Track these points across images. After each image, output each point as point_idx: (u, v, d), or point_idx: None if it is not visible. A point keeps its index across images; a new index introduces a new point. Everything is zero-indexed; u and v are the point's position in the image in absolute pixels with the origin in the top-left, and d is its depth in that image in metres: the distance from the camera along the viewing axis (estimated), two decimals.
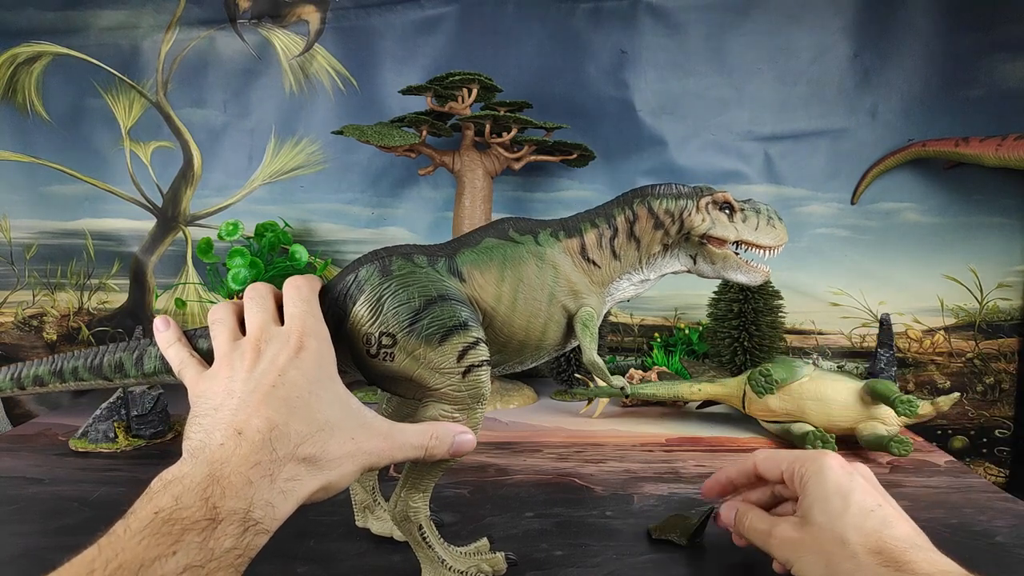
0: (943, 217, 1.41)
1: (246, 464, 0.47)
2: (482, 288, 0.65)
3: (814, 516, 0.60)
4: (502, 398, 1.31)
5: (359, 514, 0.77)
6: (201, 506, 0.44)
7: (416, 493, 0.63)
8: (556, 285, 0.67)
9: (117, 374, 0.64)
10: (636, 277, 0.73)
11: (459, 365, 0.60)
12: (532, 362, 0.71)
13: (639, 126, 1.43)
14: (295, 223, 1.48)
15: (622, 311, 1.52)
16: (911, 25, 1.36)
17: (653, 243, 0.71)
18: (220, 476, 0.46)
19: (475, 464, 0.99)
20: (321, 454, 0.50)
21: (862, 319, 1.46)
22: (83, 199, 1.51)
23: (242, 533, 0.44)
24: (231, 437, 0.48)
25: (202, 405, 0.52)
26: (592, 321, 0.69)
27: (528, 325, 0.66)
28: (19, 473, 0.96)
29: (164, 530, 0.42)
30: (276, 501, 0.47)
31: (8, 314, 1.53)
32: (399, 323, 0.59)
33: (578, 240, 0.69)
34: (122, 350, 0.64)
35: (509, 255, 0.66)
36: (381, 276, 0.61)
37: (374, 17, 1.44)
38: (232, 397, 0.51)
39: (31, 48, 1.46)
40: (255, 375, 0.52)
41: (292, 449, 0.49)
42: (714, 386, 1.18)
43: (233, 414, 0.50)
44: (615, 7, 1.40)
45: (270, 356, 0.54)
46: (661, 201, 0.71)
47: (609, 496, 0.88)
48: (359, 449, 0.53)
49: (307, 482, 0.49)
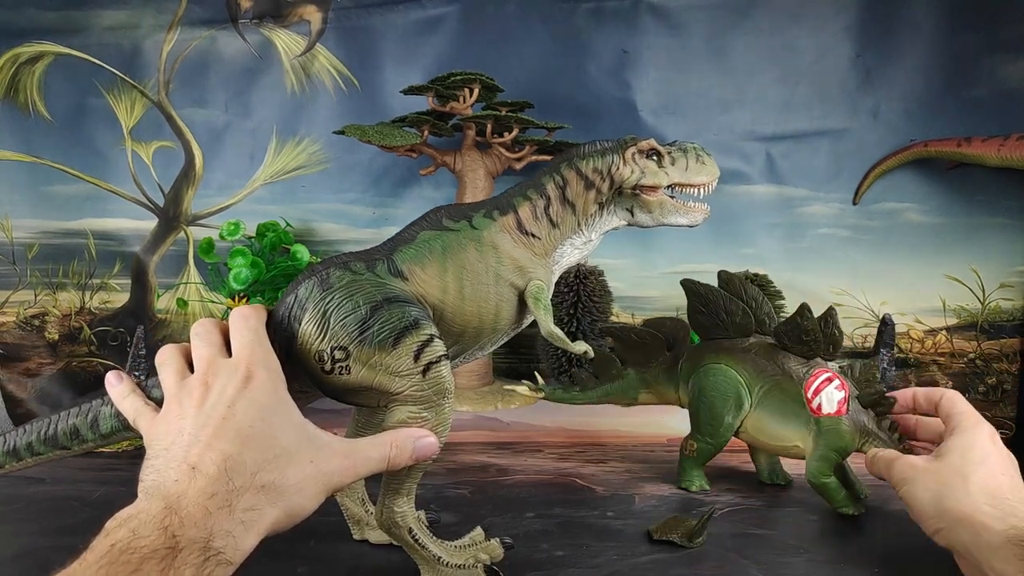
0: (945, 217, 1.41)
1: (203, 496, 0.46)
2: (426, 283, 0.64)
3: (950, 455, 0.67)
4: (503, 398, 1.31)
5: (355, 528, 0.76)
6: (160, 535, 0.43)
7: (398, 498, 0.62)
8: (500, 265, 0.67)
9: (74, 441, 0.63)
10: (578, 240, 0.73)
11: (417, 365, 0.59)
12: (492, 345, 0.71)
13: (641, 126, 1.42)
14: (297, 223, 1.48)
15: (623, 311, 1.52)
16: (913, 25, 1.35)
17: (588, 204, 0.71)
18: (178, 508, 0.45)
19: (476, 464, 0.99)
20: (280, 480, 0.50)
21: (864, 319, 1.45)
22: (85, 199, 1.51)
23: (203, 563, 0.43)
24: (185, 473, 0.47)
25: (154, 447, 0.52)
26: (543, 293, 0.68)
27: (480, 310, 0.66)
28: (19, 472, 0.96)
29: (122, 559, 0.41)
30: (236, 532, 0.46)
31: (10, 314, 1.53)
32: (349, 334, 0.59)
33: (513, 216, 0.69)
34: (75, 416, 0.62)
35: (447, 244, 0.66)
36: (322, 291, 0.60)
37: (375, 17, 1.44)
38: (183, 435, 0.51)
39: (33, 48, 1.46)
40: (204, 410, 0.52)
41: (249, 478, 0.48)
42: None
43: (185, 451, 0.49)
44: (617, 7, 1.39)
45: (218, 389, 0.53)
46: (587, 161, 0.71)
47: (610, 496, 0.88)
48: (319, 471, 0.52)
49: (267, 511, 0.48)
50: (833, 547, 0.76)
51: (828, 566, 0.71)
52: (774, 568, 0.70)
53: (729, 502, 0.88)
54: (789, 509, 0.87)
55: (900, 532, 0.78)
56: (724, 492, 0.91)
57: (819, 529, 0.82)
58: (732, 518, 0.83)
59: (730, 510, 0.85)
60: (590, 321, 1.33)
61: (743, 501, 0.89)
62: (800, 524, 0.83)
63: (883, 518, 0.83)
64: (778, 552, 0.74)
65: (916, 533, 0.67)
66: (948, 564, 0.64)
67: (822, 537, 0.79)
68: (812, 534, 0.80)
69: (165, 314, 1.54)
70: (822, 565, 0.71)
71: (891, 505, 0.85)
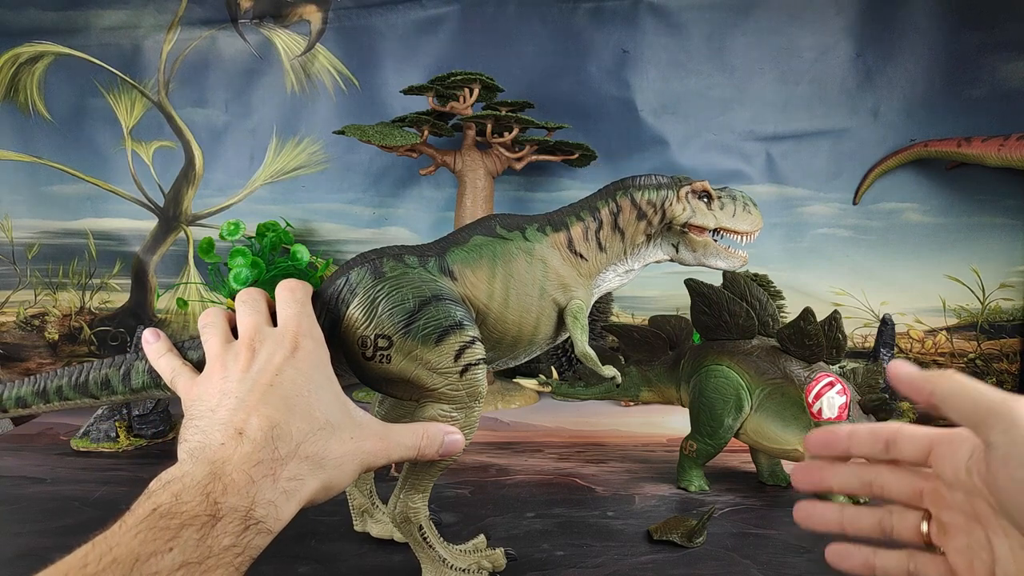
0: (945, 217, 1.41)
1: (248, 463, 0.46)
2: (474, 286, 0.65)
3: (995, 434, 0.55)
4: (504, 398, 1.31)
5: (357, 519, 0.77)
6: (202, 501, 0.43)
7: (415, 493, 0.63)
8: (546, 279, 0.68)
9: (104, 391, 0.62)
10: (621, 268, 0.74)
11: (456, 364, 0.60)
12: (525, 357, 0.71)
13: (641, 126, 1.43)
14: (296, 223, 1.48)
15: (624, 311, 1.52)
16: (913, 25, 1.35)
17: (637, 234, 0.73)
18: (222, 474, 0.45)
19: (477, 464, 0.99)
20: (323, 453, 0.50)
21: (864, 319, 1.45)
22: (85, 199, 1.51)
23: (243, 531, 0.44)
24: (232, 437, 0.47)
25: (198, 407, 0.51)
26: (582, 313, 0.70)
27: (521, 320, 0.67)
28: (21, 472, 0.96)
29: (161, 524, 0.41)
30: (279, 501, 0.46)
31: (10, 314, 1.53)
32: (394, 325, 0.59)
33: (565, 234, 0.70)
34: (108, 366, 0.62)
35: (499, 252, 0.66)
36: (373, 278, 0.61)
37: (376, 17, 1.44)
38: (228, 397, 0.50)
39: (33, 48, 1.46)
40: (251, 374, 0.52)
41: (294, 448, 0.48)
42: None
43: (231, 414, 0.49)
44: (617, 7, 1.39)
45: (265, 356, 0.53)
46: (643, 192, 0.72)
47: (610, 496, 0.88)
48: (358, 448, 0.52)
49: (309, 481, 0.48)
50: None
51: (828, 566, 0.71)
52: (774, 568, 0.70)
53: (729, 502, 0.88)
54: (789, 509, 0.87)
55: None
56: (724, 492, 0.91)
57: None
58: (732, 518, 0.83)
59: (730, 510, 0.85)
60: (590, 321, 1.33)
61: (743, 501, 0.89)
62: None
63: None
64: (778, 552, 0.74)
65: None
66: None
67: (822, 537, 0.79)
68: (812, 534, 0.80)
69: (165, 314, 1.54)
70: (822, 565, 0.71)
71: None
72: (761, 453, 0.97)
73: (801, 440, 0.87)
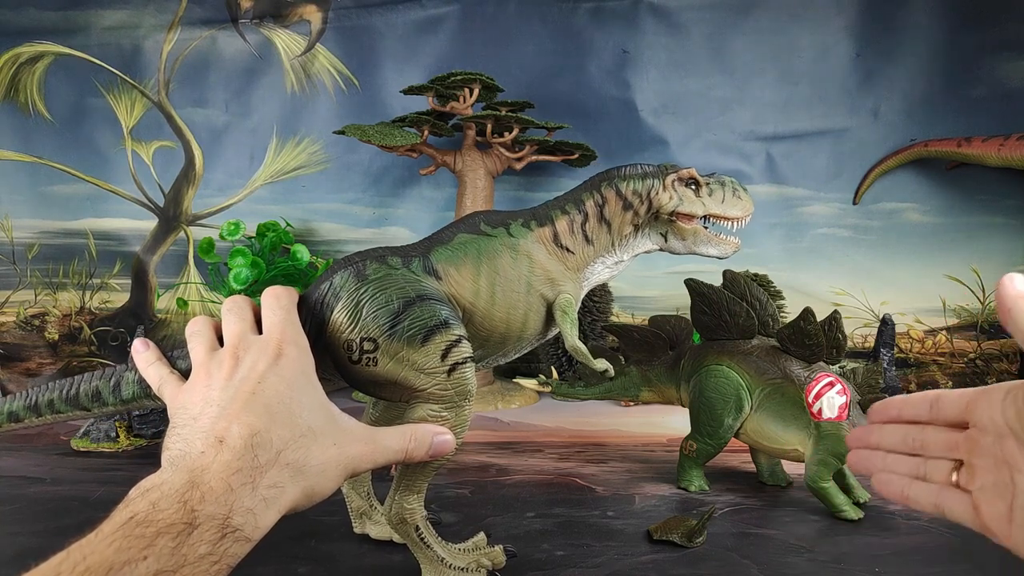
0: (945, 217, 1.41)
1: (227, 471, 0.46)
2: (459, 284, 0.64)
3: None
4: (504, 398, 1.31)
5: (356, 521, 0.77)
6: (179, 509, 0.43)
7: (410, 494, 0.63)
8: (532, 275, 0.67)
9: (95, 403, 0.63)
10: (610, 259, 0.73)
11: (443, 364, 0.60)
12: (515, 353, 0.71)
13: (641, 126, 1.43)
14: (297, 223, 1.48)
15: (623, 311, 1.52)
16: (914, 25, 1.35)
17: (624, 225, 0.72)
18: (200, 482, 0.45)
19: (477, 464, 0.99)
20: (304, 460, 0.50)
21: (864, 319, 1.45)
22: (85, 199, 1.51)
23: (220, 539, 0.43)
24: (212, 445, 0.47)
25: (181, 416, 0.52)
26: (571, 307, 0.69)
27: (508, 317, 0.66)
28: (20, 472, 0.96)
29: (137, 532, 0.41)
30: (258, 509, 0.46)
31: (10, 313, 1.53)
32: (379, 327, 0.59)
33: (550, 228, 0.70)
34: (98, 378, 0.62)
35: (483, 249, 0.66)
36: (357, 281, 0.61)
37: (376, 17, 1.44)
38: (211, 405, 0.50)
39: (33, 48, 1.46)
40: (233, 382, 0.52)
41: (274, 455, 0.48)
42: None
43: (213, 422, 0.49)
44: (617, 7, 1.39)
45: (249, 363, 0.53)
46: (628, 182, 0.71)
47: (610, 496, 0.88)
48: (341, 454, 0.52)
49: (290, 489, 0.48)
50: (833, 547, 0.76)
51: (828, 566, 0.71)
52: (774, 568, 0.70)
53: (729, 502, 0.88)
54: (789, 509, 0.87)
55: (900, 532, 0.78)
56: (724, 492, 0.91)
57: (819, 529, 0.81)
58: (732, 518, 0.83)
59: (730, 510, 0.85)
60: (590, 321, 1.33)
61: (743, 501, 0.88)
62: (800, 524, 0.83)
63: (883, 519, 0.83)
64: (778, 552, 0.74)
65: (916, 533, 0.67)
66: (946, 564, 0.64)
67: (822, 537, 0.79)
68: (812, 534, 0.80)
69: (165, 314, 1.54)
70: (822, 565, 0.71)
71: (890, 507, 0.85)
72: (761, 453, 0.97)
73: (801, 440, 0.87)
